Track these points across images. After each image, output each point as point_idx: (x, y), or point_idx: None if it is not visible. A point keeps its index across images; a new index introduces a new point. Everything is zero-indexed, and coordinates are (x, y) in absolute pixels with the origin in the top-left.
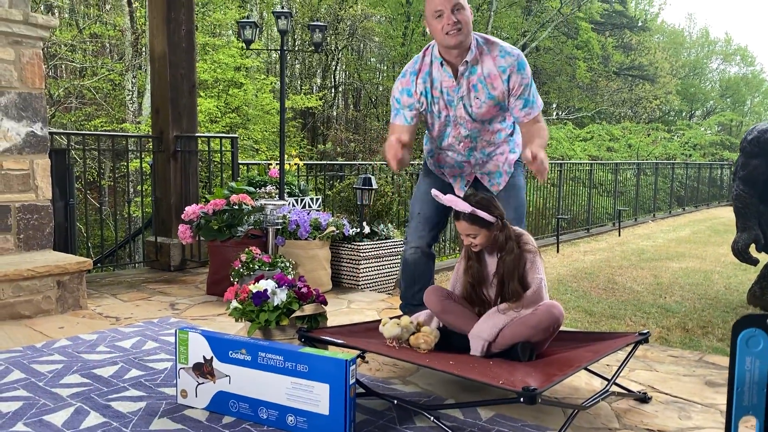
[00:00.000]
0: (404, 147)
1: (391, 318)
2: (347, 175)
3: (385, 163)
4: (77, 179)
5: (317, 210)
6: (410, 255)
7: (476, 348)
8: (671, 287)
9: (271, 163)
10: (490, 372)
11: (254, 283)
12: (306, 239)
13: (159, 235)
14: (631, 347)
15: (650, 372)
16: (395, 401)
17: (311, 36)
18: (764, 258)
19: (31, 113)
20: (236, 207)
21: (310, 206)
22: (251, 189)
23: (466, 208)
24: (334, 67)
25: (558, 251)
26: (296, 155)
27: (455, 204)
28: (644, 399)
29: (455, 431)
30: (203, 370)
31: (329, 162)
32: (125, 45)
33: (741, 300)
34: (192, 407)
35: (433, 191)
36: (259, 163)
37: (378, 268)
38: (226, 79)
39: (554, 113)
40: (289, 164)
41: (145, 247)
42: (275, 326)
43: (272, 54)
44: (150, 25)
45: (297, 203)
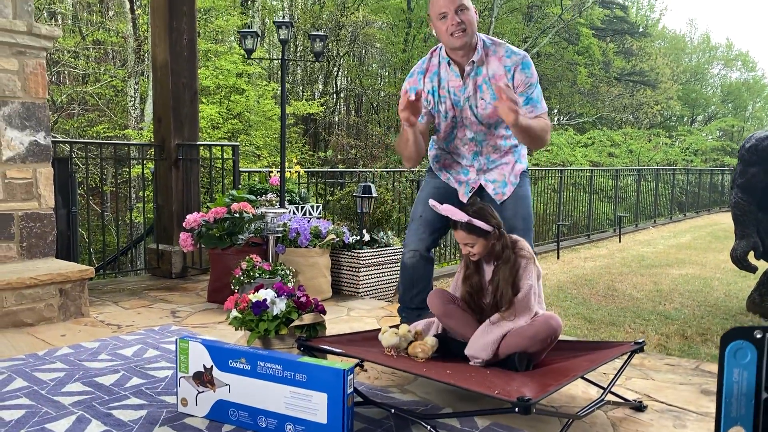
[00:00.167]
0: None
1: (390, 327)
2: (348, 183)
3: (385, 170)
4: (79, 185)
5: (318, 218)
6: (409, 259)
7: (475, 363)
8: (671, 294)
9: (272, 171)
10: (487, 381)
11: (254, 293)
12: (306, 247)
13: (160, 243)
14: (627, 356)
15: (646, 380)
16: (392, 410)
17: (312, 45)
18: (763, 265)
19: (35, 122)
20: (237, 215)
21: (311, 214)
22: (252, 197)
23: (463, 218)
24: (336, 73)
25: (558, 257)
26: (297, 162)
27: (452, 213)
28: (640, 407)
29: None
30: (203, 379)
31: (330, 170)
32: (128, 51)
33: (740, 307)
34: (192, 416)
35: (431, 201)
36: (260, 171)
37: (378, 276)
38: (228, 86)
39: (555, 119)
40: (290, 172)
41: (147, 254)
42: (274, 335)
43: (274, 61)
44: (152, 34)
45: (297, 211)
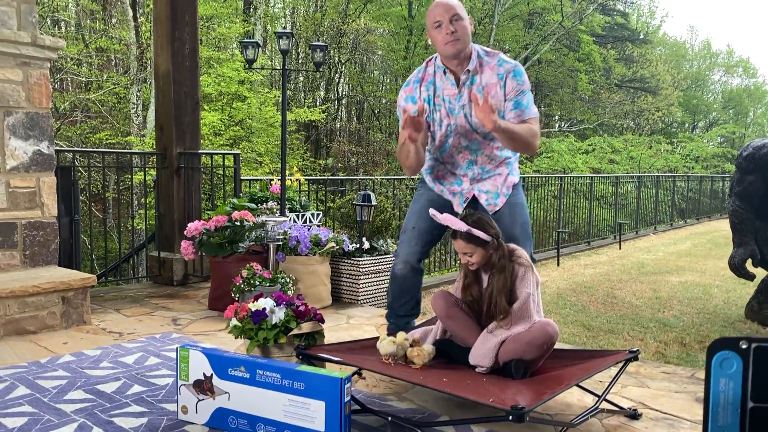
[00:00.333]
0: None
1: (387, 335)
2: (348, 190)
3: (385, 178)
4: (82, 192)
5: (318, 225)
6: (400, 270)
7: (480, 371)
8: (670, 301)
9: (273, 179)
10: (482, 389)
11: (253, 302)
12: (306, 255)
13: (162, 250)
14: (621, 365)
15: (642, 388)
16: (389, 418)
17: (312, 55)
18: (761, 273)
19: (38, 132)
20: (238, 223)
21: (311, 222)
22: (253, 206)
23: (463, 228)
24: (338, 80)
25: (558, 264)
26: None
27: (452, 223)
28: (634, 415)
29: None
30: (203, 387)
31: (330, 177)
32: (130, 59)
33: (739, 314)
34: (192, 423)
35: (431, 211)
36: (261, 179)
37: (377, 284)
38: (230, 93)
39: (556, 125)
40: (290, 180)
41: (149, 262)
42: (273, 344)
43: (276, 65)
44: (154, 44)
45: (298, 219)
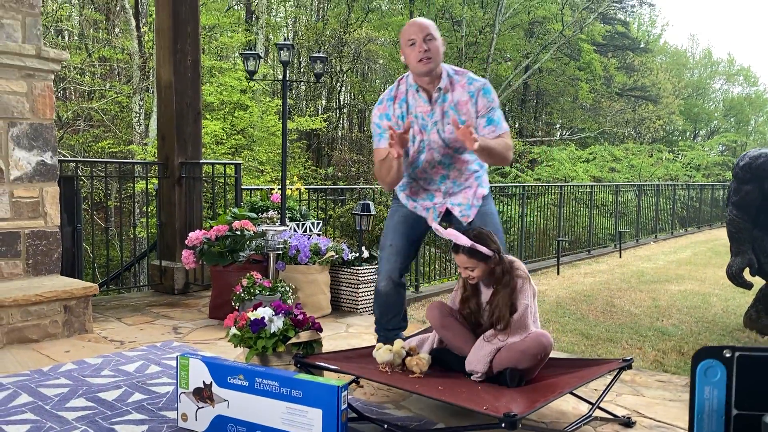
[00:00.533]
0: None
1: (384, 344)
2: (348, 199)
3: None
4: (84, 200)
5: (318, 234)
6: (383, 287)
7: (476, 378)
8: (669, 310)
9: (273, 189)
10: (477, 397)
11: (252, 311)
12: (306, 264)
13: (163, 259)
14: (615, 373)
15: (637, 397)
16: (386, 425)
17: (312, 66)
18: (758, 282)
19: (42, 143)
20: (238, 232)
21: (311, 230)
22: (253, 215)
23: (466, 243)
24: (339, 89)
25: (558, 273)
26: (300, 178)
27: (456, 238)
28: (628, 423)
29: None
30: (203, 395)
31: (331, 186)
32: (133, 68)
33: (738, 323)
34: (192, 430)
35: (434, 225)
36: (262, 188)
37: None
38: (232, 102)
39: (557, 134)
40: (291, 189)
41: (150, 271)
42: (272, 352)
43: (278, 75)
44: (157, 56)
45: (298, 228)
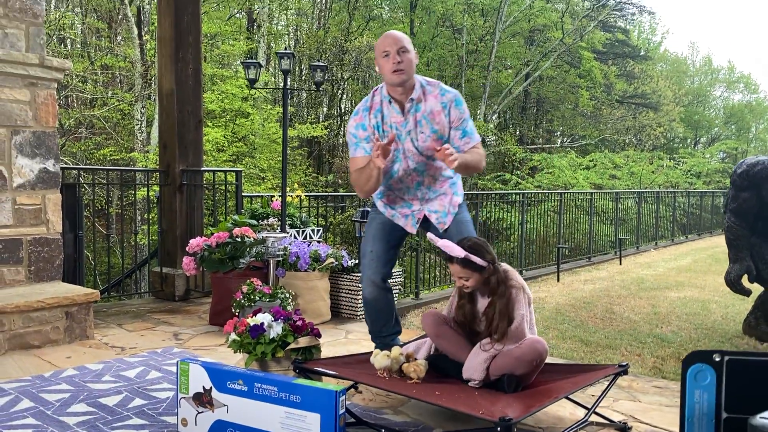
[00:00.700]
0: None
1: (382, 349)
2: (348, 207)
3: None
4: (85, 207)
5: (318, 241)
6: (369, 293)
7: (473, 384)
8: (668, 317)
9: (274, 196)
10: (474, 402)
11: (252, 317)
12: (306, 271)
13: (164, 266)
14: (611, 378)
15: (633, 402)
16: (383, 430)
17: (313, 75)
18: (757, 288)
19: (45, 150)
20: (239, 239)
21: (311, 237)
22: (253, 222)
23: (460, 253)
24: (340, 97)
25: (558, 280)
26: (301, 185)
27: (450, 249)
28: (624, 429)
29: None
30: (202, 400)
31: (331, 194)
32: (135, 76)
33: (737, 330)
34: None
35: (429, 235)
36: (263, 196)
37: None
38: (234, 109)
39: (558, 141)
40: (291, 196)
41: (151, 277)
42: (271, 358)
43: (279, 83)
44: (159, 64)
45: (298, 235)
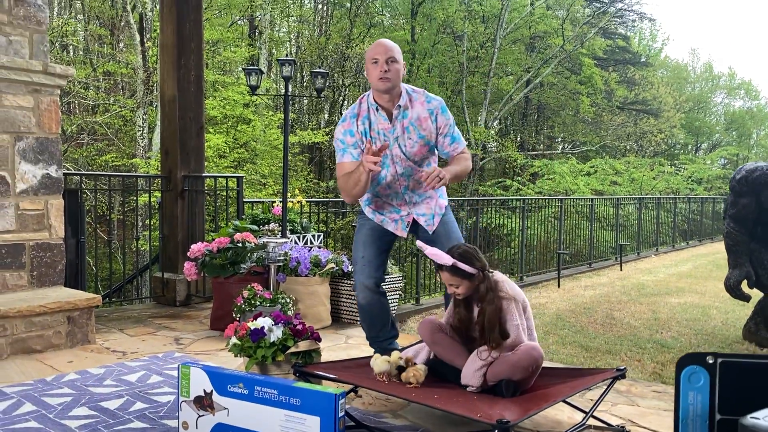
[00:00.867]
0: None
1: (381, 354)
2: (348, 212)
3: None
4: (87, 213)
5: (318, 247)
6: (363, 298)
7: (471, 390)
8: (668, 322)
9: (275, 201)
10: (472, 405)
11: (252, 321)
12: (306, 276)
13: (165, 271)
14: (609, 382)
15: (632, 406)
16: None
17: (314, 81)
18: (756, 294)
19: (47, 156)
20: (240, 245)
21: (312, 242)
22: (254, 227)
23: (448, 261)
24: (341, 103)
25: (559, 286)
26: (302, 191)
27: (438, 257)
28: None
29: None
30: (203, 403)
31: (332, 199)
32: (137, 83)
33: (737, 336)
34: None
35: (418, 243)
36: (263, 201)
37: None
38: (235, 116)
39: (559, 147)
40: (292, 202)
41: (152, 283)
42: (271, 362)
43: (280, 89)
44: (161, 71)
45: (299, 240)
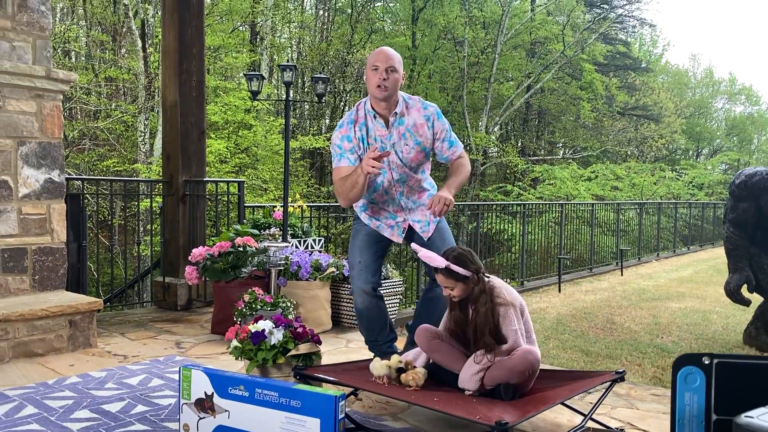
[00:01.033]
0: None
1: (382, 358)
2: (349, 217)
3: None
4: (89, 218)
5: (319, 251)
6: (361, 303)
7: (469, 394)
8: (669, 327)
9: (276, 206)
10: (471, 408)
11: (253, 324)
12: (307, 280)
13: (167, 276)
14: (608, 385)
15: (631, 410)
16: None
17: (314, 87)
18: (756, 298)
19: (50, 161)
20: (241, 249)
21: (312, 247)
22: (255, 232)
23: (441, 264)
24: (342, 109)
25: (560, 290)
26: (303, 195)
27: (431, 260)
28: None
29: None
30: (204, 406)
31: (333, 204)
32: (139, 88)
33: (738, 340)
34: None
35: (413, 245)
36: (264, 206)
37: None
38: (236, 121)
39: (560, 152)
40: (293, 206)
41: (153, 287)
42: (272, 364)
43: (282, 95)
44: (162, 76)
45: (300, 244)
